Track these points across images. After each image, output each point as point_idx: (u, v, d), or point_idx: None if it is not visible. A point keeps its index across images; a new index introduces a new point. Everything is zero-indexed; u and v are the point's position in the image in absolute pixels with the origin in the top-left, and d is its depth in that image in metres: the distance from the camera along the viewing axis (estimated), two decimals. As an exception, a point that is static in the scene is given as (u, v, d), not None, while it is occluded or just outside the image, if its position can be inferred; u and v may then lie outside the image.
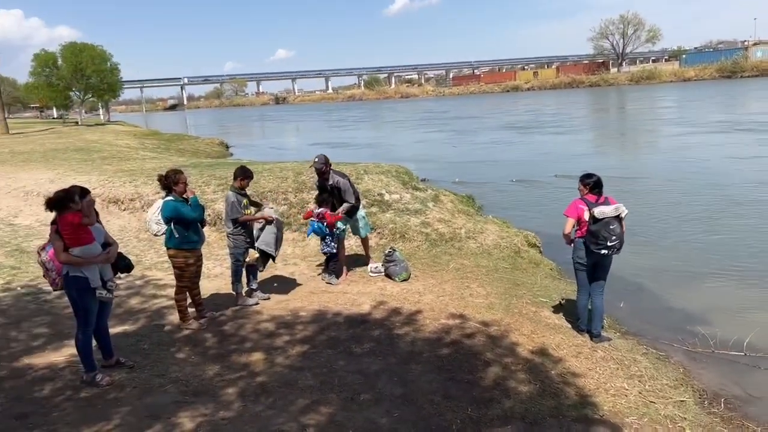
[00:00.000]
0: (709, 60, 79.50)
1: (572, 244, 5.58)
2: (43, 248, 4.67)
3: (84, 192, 4.56)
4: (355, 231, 7.81)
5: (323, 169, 7.20)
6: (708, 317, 6.57)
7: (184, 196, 5.69)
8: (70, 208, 4.44)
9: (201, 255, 5.97)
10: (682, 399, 4.63)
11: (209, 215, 9.50)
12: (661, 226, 10.37)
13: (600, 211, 5.20)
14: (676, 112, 34.69)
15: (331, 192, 7.30)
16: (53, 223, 4.52)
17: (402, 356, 5.19)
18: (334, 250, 7.29)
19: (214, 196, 10.06)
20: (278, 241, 6.74)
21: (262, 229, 6.60)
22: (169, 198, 5.62)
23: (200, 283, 6.14)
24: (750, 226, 9.97)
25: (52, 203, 4.44)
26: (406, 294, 6.79)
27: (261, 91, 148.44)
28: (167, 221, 5.60)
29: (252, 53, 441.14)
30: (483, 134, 30.14)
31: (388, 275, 7.37)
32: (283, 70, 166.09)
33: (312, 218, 7.21)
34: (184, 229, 5.62)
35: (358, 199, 7.57)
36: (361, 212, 7.77)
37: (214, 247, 8.77)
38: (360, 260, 8.01)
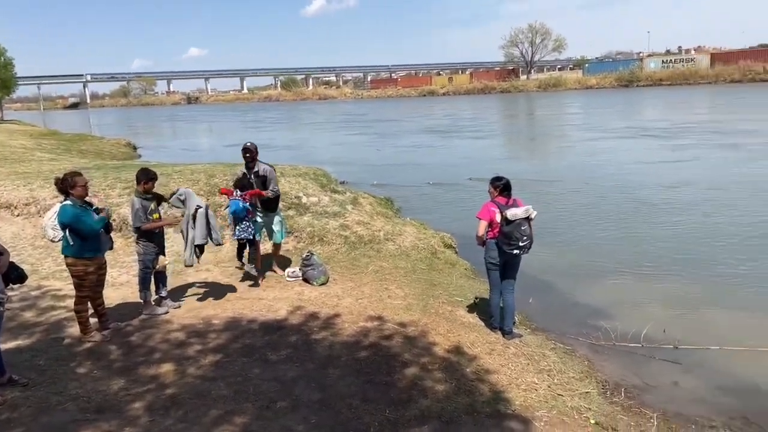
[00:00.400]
0: (609, 69, 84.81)
1: (484, 245, 5.75)
2: None
3: None
4: (271, 235, 7.64)
5: (255, 152, 7.10)
6: (610, 312, 6.98)
7: (88, 200, 5.33)
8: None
9: (104, 263, 5.62)
10: (587, 390, 4.88)
11: (114, 220, 8.98)
12: (568, 227, 10.92)
13: (512, 213, 5.39)
14: (584, 118, 36.64)
15: (255, 181, 7.12)
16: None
17: (320, 361, 5.14)
18: (251, 236, 7.08)
19: (119, 200, 9.53)
20: (213, 229, 6.46)
21: (192, 227, 6.31)
22: (67, 203, 5.23)
23: (104, 292, 5.79)
24: (652, 226, 10.65)
25: None
26: (325, 298, 6.73)
27: (172, 90, 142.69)
28: (63, 227, 5.20)
29: (162, 51, 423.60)
30: (404, 138, 30.38)
31: (305, 279, 7.28)
32: (196, 69, 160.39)
33: (233, 197, 6.94)
34: (82, 236, 5.25)
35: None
36: (279, 216, 7.64)
37: (120, 254, 8.29)
38: (277, 264, 7.85)
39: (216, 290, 7.10)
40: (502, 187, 5.61)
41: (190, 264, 6.58)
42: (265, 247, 7.97)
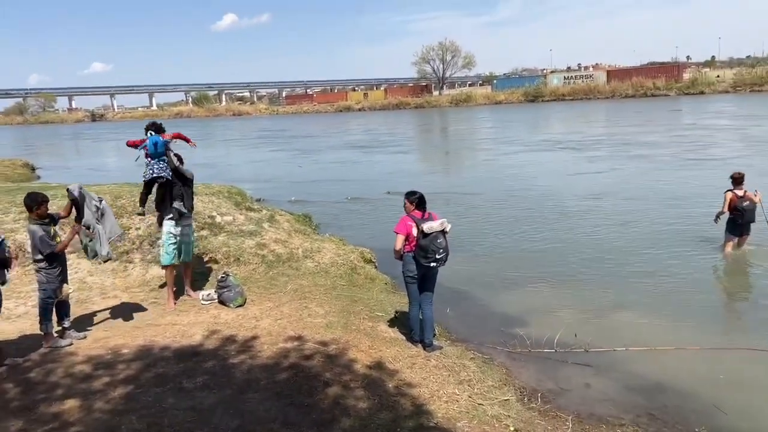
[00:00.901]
0: (516, 85, 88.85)
1: (402, 259, 5.82)
2: None
3: None
4: (186, 254, 7.31)
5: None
6: (526, 319, 7.24)
7: None
8: None
9: None
10: (506, 398, 5.03)
11: (9, 247, 8.32)
12: (485, 238, 11.25)
13: (428, 226, 5.50)
14: (499, 131, 37.88)
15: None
16: None
17: (238, 386, 4.98)
18: (169, 176, 6.87)
19: (14, 226, 8.83)
20: (114, 226, 6.28)
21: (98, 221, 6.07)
22: None
23: (0, 325, 5.34)
24: (568, 235, 11.11)
25: None
26: (242, 320, 6.55)
27: (74, 106, 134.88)
28: None
29: (62, 66, 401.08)
30: (326, 153, 30.24)
31: (221, 302, 7.05)
32: (100, 85, 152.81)
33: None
34: None
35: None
36: (189, 226, 7.36)
37: (17, 284, 7.66)
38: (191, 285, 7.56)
39: (125, 317, 6.73)
40: (417, 201, 5.71)
41: (108, 258, 6.28)
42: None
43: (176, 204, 7.01)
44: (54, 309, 5.90)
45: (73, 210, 6.12)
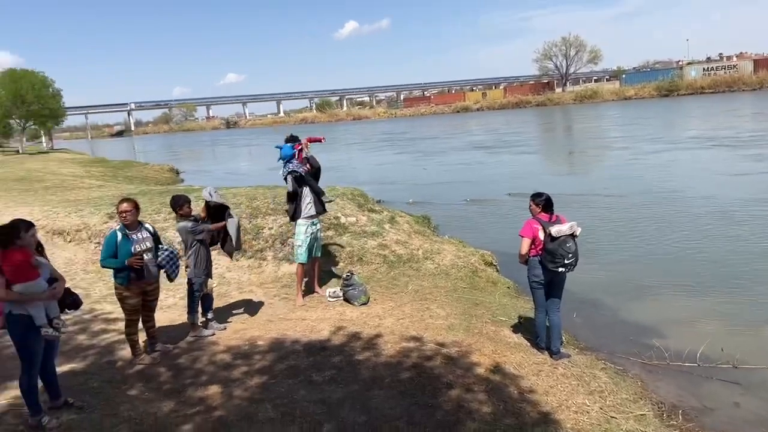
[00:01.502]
0: (647, 79, 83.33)
1: (527, 263, 5.67)
2: (-19, 285, 4.41)
3: (29, 226, 4.36)
4: (317, 251, 7.65)
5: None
6: (662, 329, 6.76)
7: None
8: (15, 243, 4.22)
9: (152, 290, 5.75)
10: (642, 413, 4.72)
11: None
12: (614, 242, 10.67)
13: (557, 230, 5.30)
14: (634, 128, 35.42)
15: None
16: (-6, 259, 4.27)
17: (364, 382, 5.12)
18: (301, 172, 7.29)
19: (165, 224, 9.76)
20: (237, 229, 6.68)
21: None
22: (116, 228, 5.51)
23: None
24: (702, 240, 10.31)
25: None
26: (366, 318, 6.73)
27: (211, 115, 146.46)
28: None
29: (201, 78, 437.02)
30: (449, 155, 29.99)
31: (346, 299, 7.30)
32: (234, 94, 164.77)
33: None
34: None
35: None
36: (319, 227, 7.66)
37: (165, 278, 8.49)
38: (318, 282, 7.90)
39: (259, 311, 7.19)
40: (543, 203, 5.53)
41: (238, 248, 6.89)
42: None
43: (305, 208, 7.37)
44: (200, 301, 6.45)
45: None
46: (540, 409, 4.64)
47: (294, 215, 7.45)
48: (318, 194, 7.42)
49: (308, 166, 7.42)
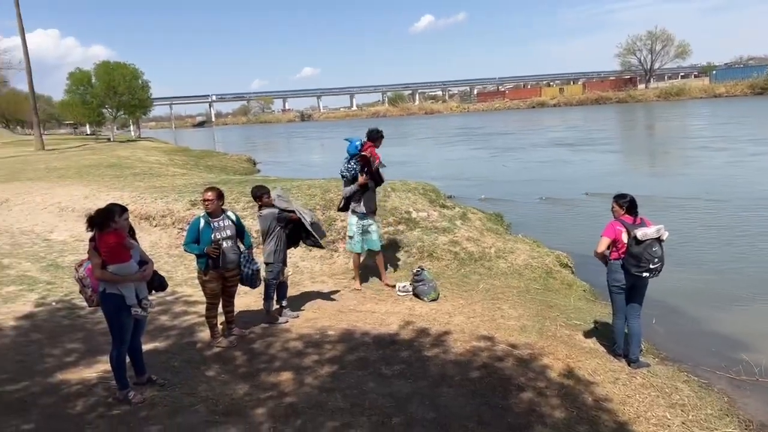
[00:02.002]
0: (740, 76, 78.19)
1: (607, 264, 5.44)
2: (80, 264, 4.72)
3: (123, 210, 4.62)
4: (370, 243, 7.64)
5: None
6: (752, 343, 6.34)
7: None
8: (110, 226, 4.49)
9: (232, 276, 5.94)
10: (728, 430, 4.44)
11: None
12: (700, 247, 10.09)
13: (643, 233, 5.07)
14: (731, 128, 33.34)
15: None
16: (92, 240, 4.57)
17: (433, 379, 5.10)
18: (347, 175, 7.42)
19: (243, 213, 10.10)
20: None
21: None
22: (199, 215, 5.74)
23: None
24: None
25: (93, 222, 4.49)
26: (435, 314, 6.70)
27: (287, 108, 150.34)
28: None
29: (279, 71, 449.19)
30: (529, 152, 29.06)
31: (416, 295, 7.30)
32: (309, 88, 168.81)
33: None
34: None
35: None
36: (373, 223, 7.63)
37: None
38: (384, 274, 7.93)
39: (330, 301, 7.31)
40: (627, 204, 5.29)
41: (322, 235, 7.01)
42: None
43: (353, 204, 7.51)
44: (275, 289, 6.64)
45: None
46: (616, 419, 4.46)
47: (343, 207, 7.73)
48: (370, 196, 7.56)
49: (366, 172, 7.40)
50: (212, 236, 5.61)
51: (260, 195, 6.51)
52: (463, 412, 4.52)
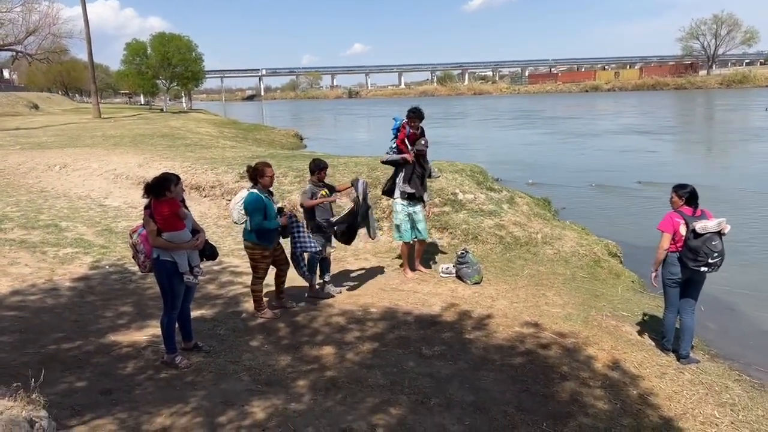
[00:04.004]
0: (812, 64, 73.85)
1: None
2: (134, 231, 4.86)
3: (178, 179, 4.72)
4: (418, 234, 7.28)
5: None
6: (810, 345, 6.05)
7: (271, 189, 5.86)
8: (166, 195, 4.60)
9: (282, 249, 6.05)
10: (780, 433, 4.27)
11: (285, 205, 9.66)
12: (759, 242, 9.66)
13: (702, 225, 4.86)
14: None
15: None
16: (147, 207, 4.69)
17: (473, 362, 5.07)
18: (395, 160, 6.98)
19: (290, 188, 10.23)
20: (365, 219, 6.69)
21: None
22: (254, 191, 5.70)
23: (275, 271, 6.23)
24: None
25: (150, 189, 4.61)
26: (478, 298, 6.65)
27: (335, 84, 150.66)
28: (246, 213, 5.71)
29: (329, 47, 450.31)
30: (607, 139, 27.47)
31: (459, 277, 7.24)
32: (358, 65, 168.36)
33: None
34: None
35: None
36: (420, 210, 7.22)
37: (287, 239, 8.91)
38: (428, 261, 7.90)
39: (373, 279, 7.33)
40: (687, 195, 5.07)
41: (374, 237, 6.96)
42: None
43: (400, 185, 7.09)
44: (318, 264, 6.69)
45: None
46: (662, 414, 4.34)
47: (388, 191, 7.29)
48: (417, 176, 7.08)
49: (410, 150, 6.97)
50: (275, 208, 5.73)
51: (318, 170, 6.46)
52: (503, 397, 4.48)
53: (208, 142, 21.09)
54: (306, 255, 6.41)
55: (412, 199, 7.12)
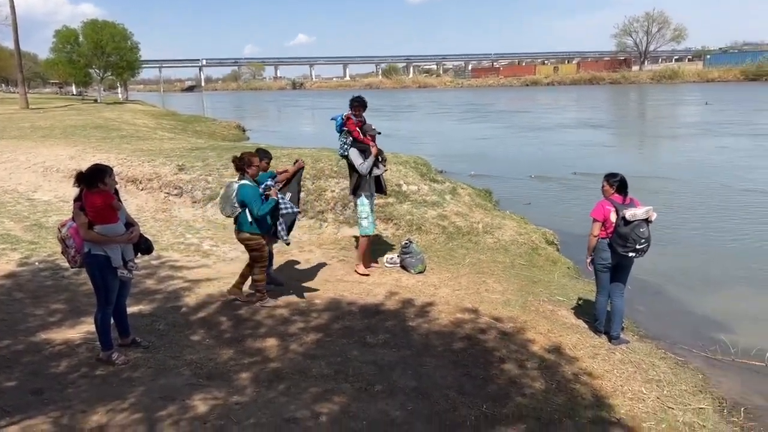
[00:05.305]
0: (733, 62, 78.28)
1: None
2: (64, 224, 4.67)
3: (111, 170, 4.57)
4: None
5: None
6: (729, 324, 6.46)
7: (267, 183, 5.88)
8: (99, 187, 4.43)
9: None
10: (701, 406, 4.55)
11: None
12: (684, 229, 10.23)
13: (632, 213, 5.10)
14: (722, 114, 33.30)
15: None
16: (77, 199, 4.51)
17: (416, 348, 5.16)
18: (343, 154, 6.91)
19: (233, 180, 10.02)
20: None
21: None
22: (246, 182, 5.71)
23: (216, 266, 6.15)
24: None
25: (83, 179, 4.43)
26: (422, 286, 6.75)
27: (278, 75, 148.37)
28: (242, 205, 5.70)
29: (272, 37, 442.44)
30: (560, 133, 27.58)
31: (403, 267, 7.33)
32: (302, 56, 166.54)
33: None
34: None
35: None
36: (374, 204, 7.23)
37: (231, 231, 8.73)
38: (373, 252, 7.95)
39: (318, 271, 7.32)
40: (618, 184, 5.31)
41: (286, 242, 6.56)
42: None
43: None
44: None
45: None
46: (594, 392, 4.55)
47: (356, 190, 7.00)
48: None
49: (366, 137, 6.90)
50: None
51: (263, 160, 6.33)
52: (445, 382, 4.59)
53: (146, 133, 20.40)
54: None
55: (379, 191, 7.20)
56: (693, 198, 12.69)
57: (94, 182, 4.42)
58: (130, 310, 5.55)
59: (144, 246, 4.89)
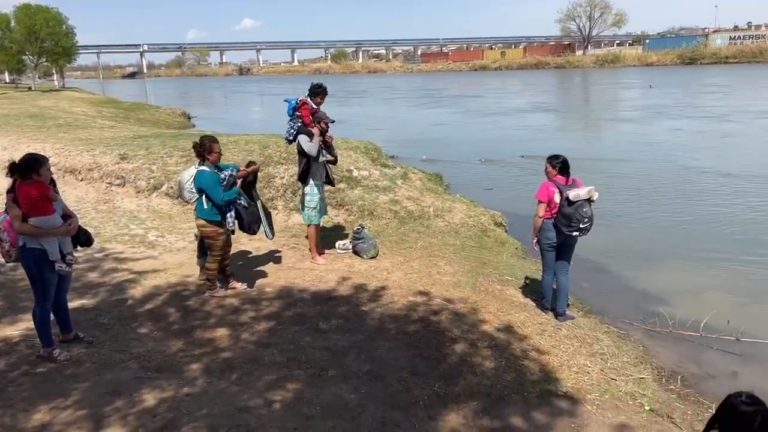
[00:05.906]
0: (671, 46, 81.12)
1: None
2: (-5, 218, 4.44)
3: (46, 160, 4.37)
4: (324, 212, 7.30)
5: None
6: (668, 298, 6.77)
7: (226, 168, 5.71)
8: (33, 177, 4.23)
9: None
10: (641, 376, 4.77)
11: (172, 188, 9.26)
12: (626, 208, 10.62)
13: (575, 193, 5.25)
14: (657, 97, 34.28)
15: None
16: (10, 191, 4.29)
17: (369, 333, 5.19)
18: (288, 138, 6.77)
19: (177, 168, 9.77)
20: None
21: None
22: (204, 168, 5.55)
23: (164, 256, 5.98)
24: (714, 212, 10.27)
25: (16, 169, 4.22)
26: (374, 271, 6.78)
27: (224, 61, 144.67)
28: (199, 192, 5.56)
29: (217, 21, 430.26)
30: (515, 117, 27.65)
31: (356, 252, 7.33)
32: (249, 41, 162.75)
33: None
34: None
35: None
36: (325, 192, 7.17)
37: (177, 221, 8.55)
38: (326, 239, 7.92)
39: (269, 259, 7.24)
40: (560, 165, 5.45)
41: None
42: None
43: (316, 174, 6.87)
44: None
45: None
46: (542, 367, 4.70)
47: (305, 177, 6.85)
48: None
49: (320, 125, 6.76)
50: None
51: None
52: (398, 364, 4.64)
53: (84, 122, 19.55)
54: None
55: (328, 179, 7.08)
56: (635, 179, 13.15)
57: (29, 173, 4.22)
58: (72, 304, 5.36)
59: (83, 238, 4.71)
